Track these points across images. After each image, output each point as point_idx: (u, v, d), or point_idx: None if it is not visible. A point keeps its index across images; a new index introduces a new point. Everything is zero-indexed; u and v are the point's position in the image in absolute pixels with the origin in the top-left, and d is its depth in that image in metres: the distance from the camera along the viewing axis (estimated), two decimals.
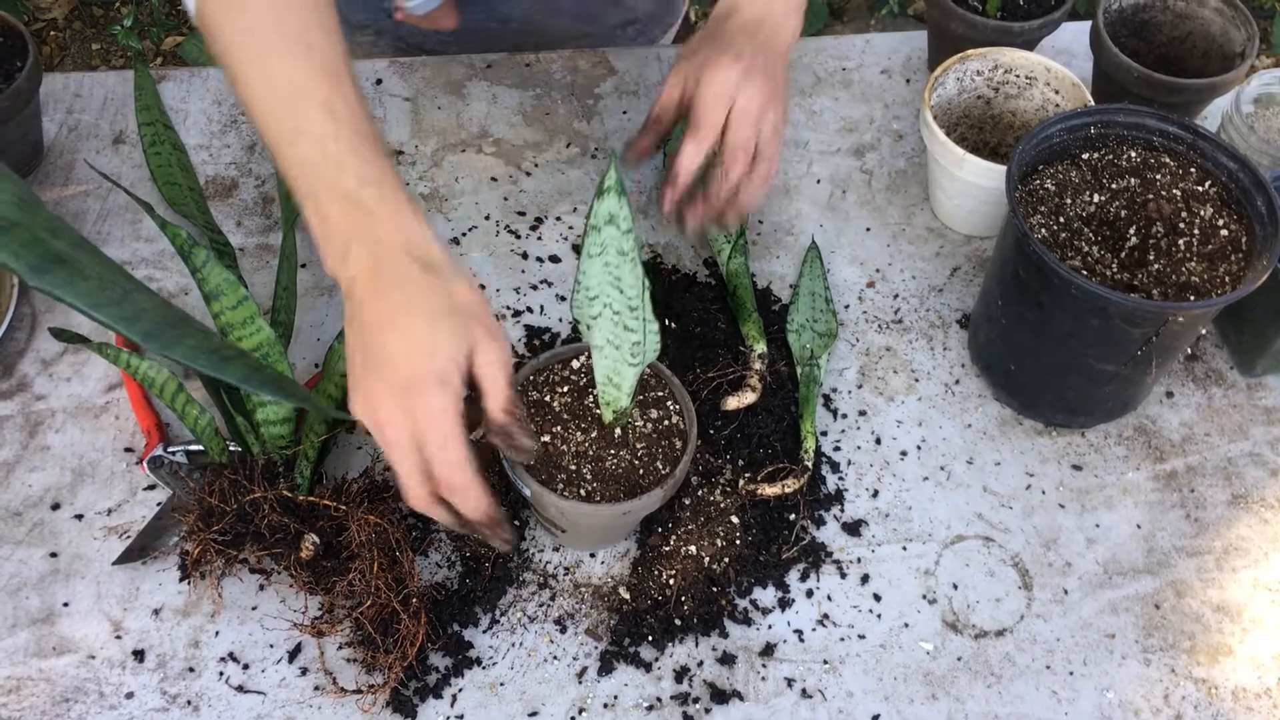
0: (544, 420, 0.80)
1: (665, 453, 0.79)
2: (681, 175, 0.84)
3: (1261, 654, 0.81)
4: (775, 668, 0.79)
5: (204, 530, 0.78)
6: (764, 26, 0.86)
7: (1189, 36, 1.05)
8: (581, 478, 0.77)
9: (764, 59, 0.85)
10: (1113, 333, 0.79)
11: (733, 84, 0.82)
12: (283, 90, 0.71)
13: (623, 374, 0.76)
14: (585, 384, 0.81)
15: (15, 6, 2.16)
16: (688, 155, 0.83)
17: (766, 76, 0.84)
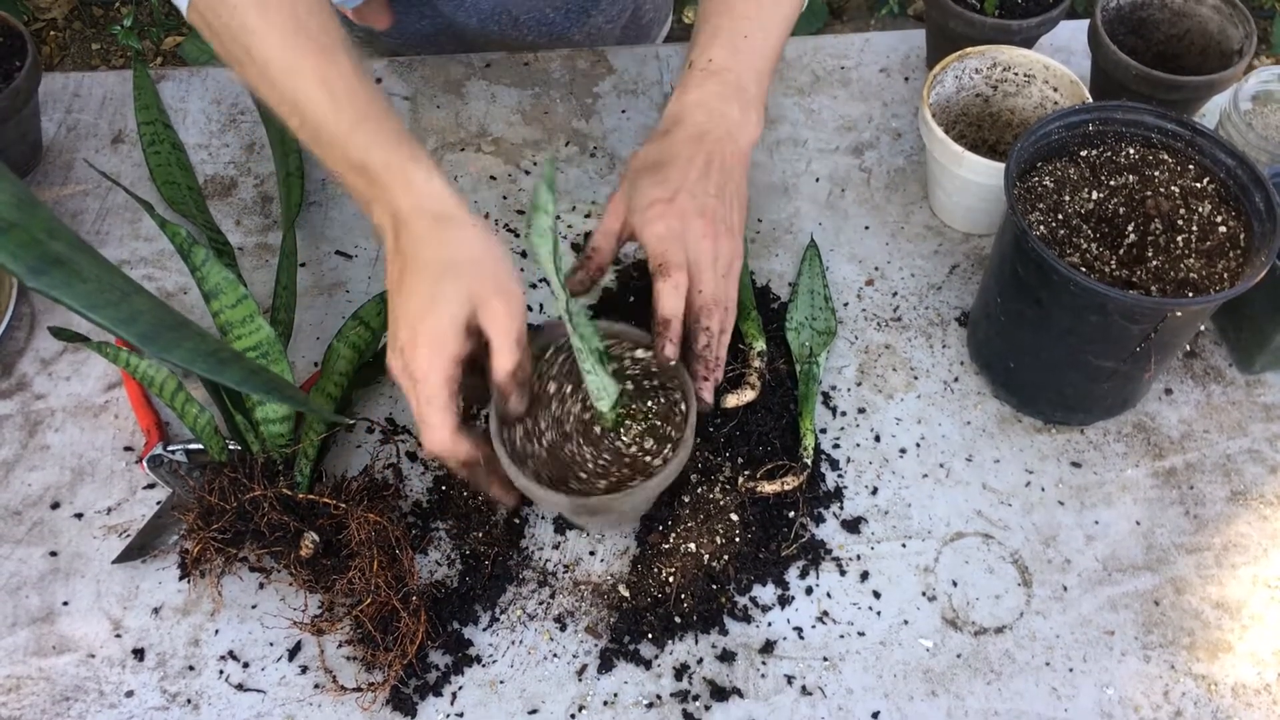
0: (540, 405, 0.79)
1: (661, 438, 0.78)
2: (673, 323, 0.77)
3: (1261, 650, 0.81)
4: (775, 665, 0.79)
5: (204, 529, 0.78)
6: (708, 139, 0.81)
7: (1187, 34, 1.06)
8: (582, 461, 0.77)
9: (712, 180, 0.80)
10: (1111, 329, 0.79)
11: (676, 229, 0.78)
12: (276, 70, 0.73)
13: (601, 400, 0.77)
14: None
15: (15, 6, 2.16)
16: (667, 300, 0.77)
17: (710, 210, 0.79)
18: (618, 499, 0.74)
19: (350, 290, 0.97)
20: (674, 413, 0.79)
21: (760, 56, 0.85)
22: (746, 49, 0.84)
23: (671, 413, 0.79)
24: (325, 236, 1.01)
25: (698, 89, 0.83)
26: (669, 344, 0.76)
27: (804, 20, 2.20)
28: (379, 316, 0.86)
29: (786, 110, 1.12)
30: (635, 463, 0.77)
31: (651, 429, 0.79)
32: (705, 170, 0.80)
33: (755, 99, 0.84)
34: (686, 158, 0.80)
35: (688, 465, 0.87)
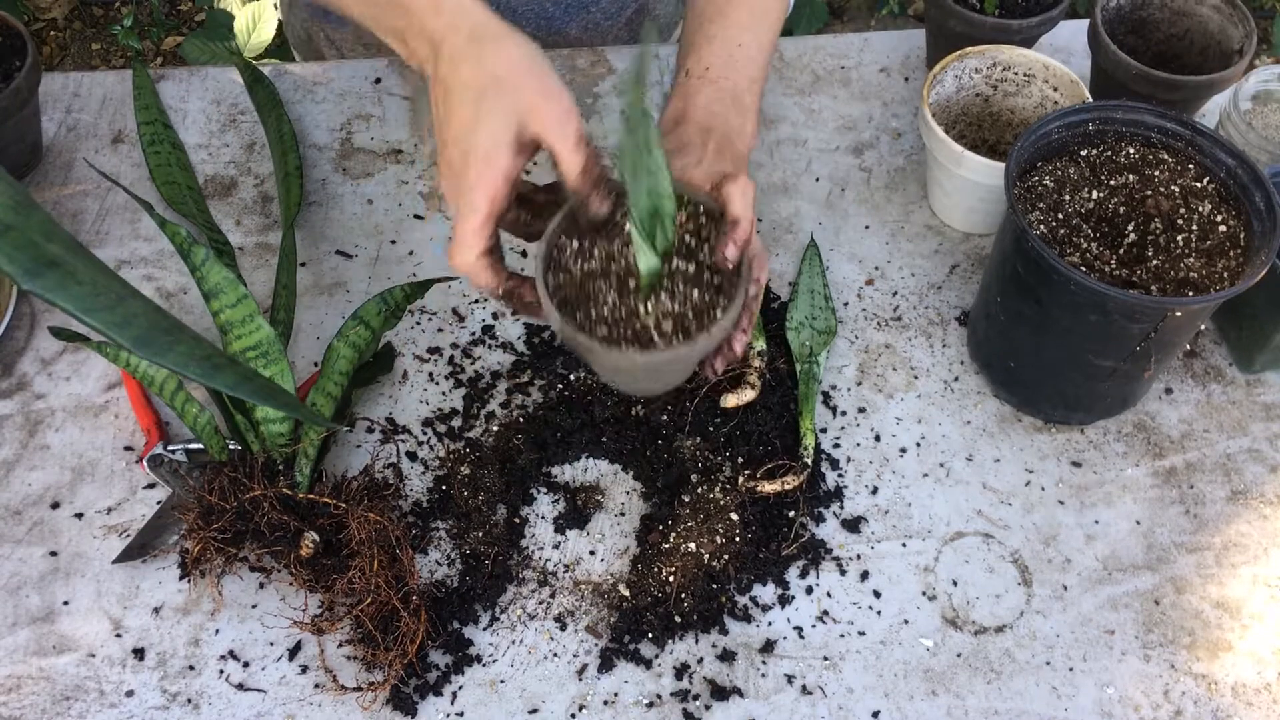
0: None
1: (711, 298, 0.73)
2: (742, 225, 0.73)
3: (1261, 649, 0.81)
4: (775, 664, 0.79)
5: (204, 528, 0.78)
6: (714, 134, 0.81)
7: (1187, 34, 1.06)
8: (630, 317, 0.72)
9: (726, 163, 0.79)
10: (1111, 329, 0.79)
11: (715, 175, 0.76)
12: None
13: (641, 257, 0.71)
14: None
15: (15, 6, 2.16)
16: (738, 200, 0.73)
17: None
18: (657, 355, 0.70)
19: (350, 290, 0.97)
20: (707, 315, 0.73)
21: (754, 65, 0.85)
22: (741, 58, 0.85)
23: (706, 313, 0.73)
24: (325, 236, 1.01)
25: (696, 95, 0.83)
26: (733, 245, 0.71)
27: (804, 20, 2.20)
28: (379, 316, 0.87)
29: (786, 110, 1.12)
30: (642, 334, 0.73)
31: (679, 316, 0.73)
32: (719, 154, 0.80)
33: (751, 107, 0.84)
34: (699, 144, 0.80)
35: (688, 464, 0.87)
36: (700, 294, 0.73)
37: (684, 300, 0.73)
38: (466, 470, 0.86)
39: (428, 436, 0.89)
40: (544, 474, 0.88)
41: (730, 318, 0.71)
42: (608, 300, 0.73)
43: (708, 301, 0.73)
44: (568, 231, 0.75)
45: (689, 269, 0.74)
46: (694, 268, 0.74)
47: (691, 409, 0.89)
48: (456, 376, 0.93)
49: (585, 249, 0.75)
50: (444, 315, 0.96)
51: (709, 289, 0.73)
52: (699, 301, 0.73)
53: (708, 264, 0.74)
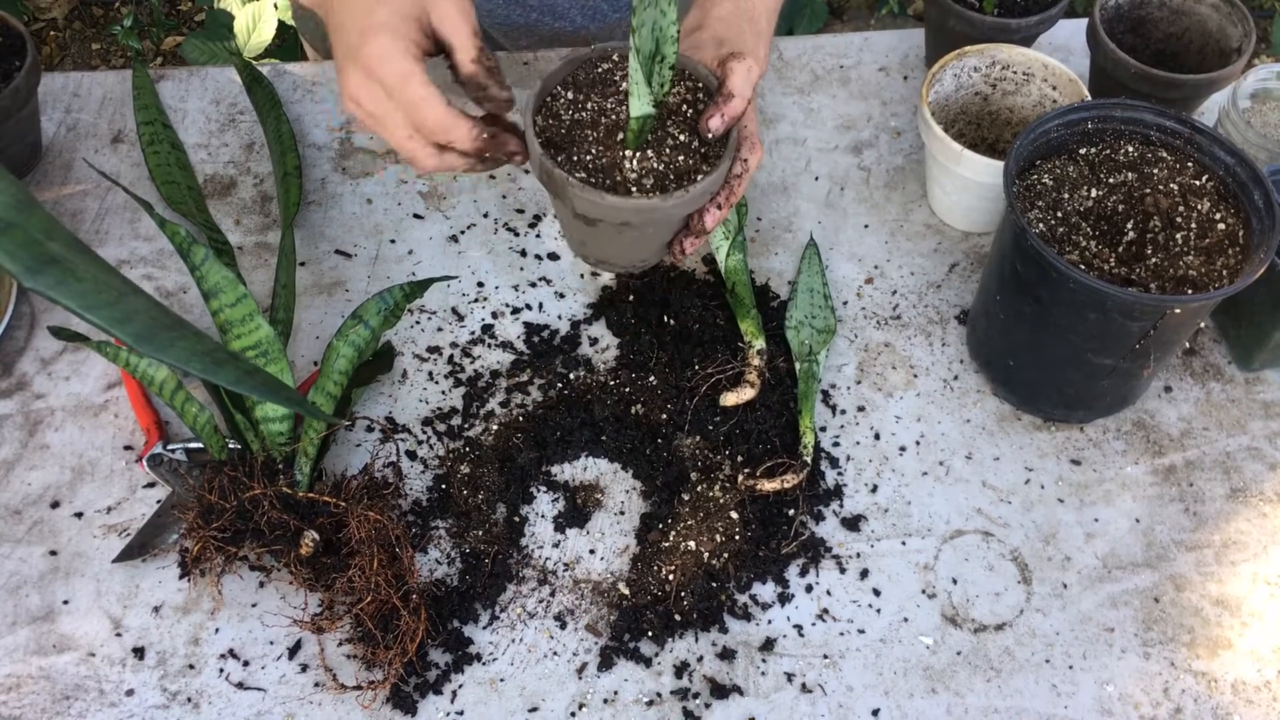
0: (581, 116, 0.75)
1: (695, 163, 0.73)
2: (735, 102, 0.74)
3: (1261, 647, 0.81)
4: (775, 663, 0.79)
5: (204, 527, 0.78)
6: (727, 46, 0.83)
7: (1185, 33, 1.06)
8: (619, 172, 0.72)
9: None
10: (1110, 327, 0.79)
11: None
12: None
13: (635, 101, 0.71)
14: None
15: (15, 6, 2.16)
16: (739, 77, 0.75)
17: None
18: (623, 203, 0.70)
19: (350, 289, 0.97)
20: (688, 179, 0.73)
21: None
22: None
23: (687, 177, 0.73)
24: (324, 236, 1.01)
25: (717, 8, 0.86)
26: (719, 117, 0.72)
27: (804, 20, 2.20)
28: (378, 315, 0.87)
29: (786, 109, 1.12)
30: (620, 186, 0.73)
31: (660, 175, 0.73)
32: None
33: (765, 34, 0.87)
34: (712, 51, 0.82)
35: (687, 462, 0.87)
36: (686, 159, 0.73)
37: (668, 163, 0.73)
38: (466, 469, 0.86)
39: (427, 435, 0.89)
40: (544, 473, 0.88)
41: (709, 181, 0.71)
42: (592, 149, 0.73)
43: (691, 167, 0.73)
44: (564, 82, 0.76)
45: (680, 137, 0.74)
46: (685, 137, 0.74)
47: (691, 408, 0.89)
48: (456, 375, 0.93)
49: (578, 100, 0.75)
50: (444, 314, 0.96)
51: (695, 157, 0.74)
52: (682, 165, 0.73)
53: (699, 138, 0.74)
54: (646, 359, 0.92)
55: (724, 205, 0.76)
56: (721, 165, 0.72)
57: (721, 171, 0.72)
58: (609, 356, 0.94)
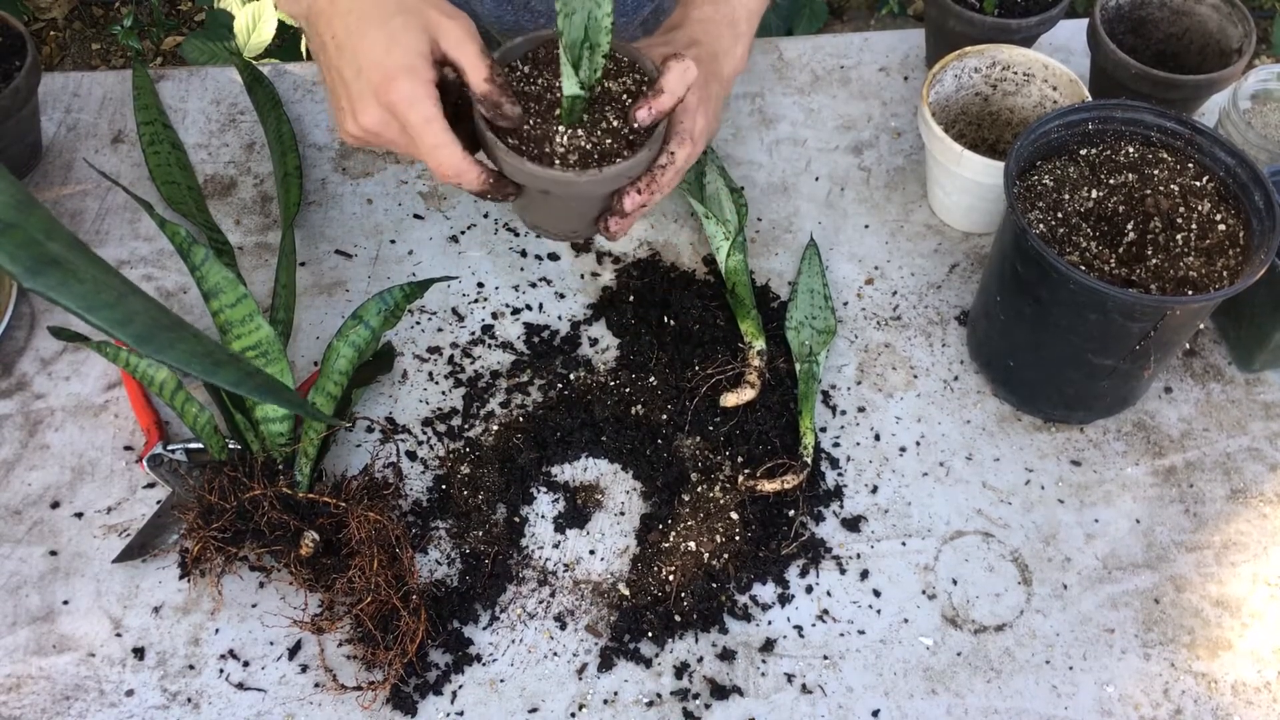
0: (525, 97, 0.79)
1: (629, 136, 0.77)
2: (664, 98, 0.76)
3: (1261, 648, 0.81)
4: (775, 663, 0.79)
5: (204, 528, 0.78)
6: (701, 49, 0.84)
7: (1186, 33, 1.06)
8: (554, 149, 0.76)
9: (702, 74, 0.82)
10: (1111, 328, 0.79)
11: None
12: None
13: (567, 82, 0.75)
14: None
15: (15, 6, 2.16)
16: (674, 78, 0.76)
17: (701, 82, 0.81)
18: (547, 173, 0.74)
19: (350, 289, 0.97)
20: (608, 159, 0.77)
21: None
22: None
23: (608, 156, 0.77)
24: (325, 236, 1.01)
25: (698, 9, 0.88)
26: (647, 109, 0.75)
27: (804, 20, 2.20)
28: (379, 316, 0.87)
29: (786, 109, 1.12)
30: (546, 157, 0.76)
31: (583, 154, 0.77)
32: (697, 63, 0.81)
33: (745, 35, 0.89)
34: (683, 49, 0.83)
35: (687, 463, 0.87)
36: (613, 143, 0.77)
37: (596, 144, 0.77)
38: (466, 470, 0.86)
39: (427, 436, 0.89)
40: (544, 473, 0.88)
41: (625, 166, 0.75)
42: (530, 120, 0.77)
43: (614, 150, 0.77)
44: (523, 57, 0.79)
45: (614, 122, 0.78)
46: (619, 123, 0.78)
47: (691, 408, 0.89)
48: (456, 376, 0.93)
49: (531, 74, 0.79)
50: (444, 315, 0.96)
51: (622, 142, 0.77)
52: (608, 148, 0.77)
53: (634, 127, 0.77)
54: (646, 359, 0.92)
55: (644, 191, 0.79)
56: (640, 153, 0.76)
57: (640, 159, 0.76)
58: (609, 357, 0.94)
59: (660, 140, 0.78)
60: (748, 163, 1.08)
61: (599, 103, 0.79)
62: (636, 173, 0.77)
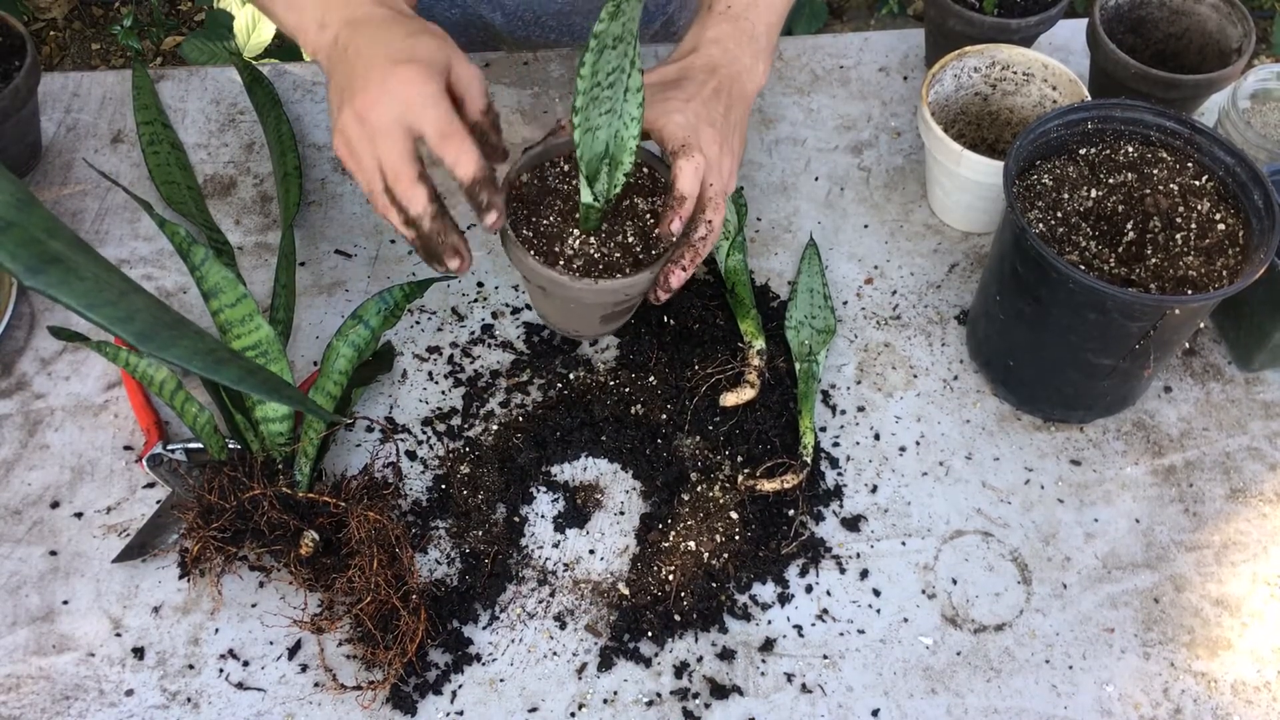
0: (545, 203, 0.82)
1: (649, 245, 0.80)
2: (688, 202, 0.79)
3: (1261, 648, 0.81)
4: (775, 663, 0.79)
5: (203, 528, 0.78)
6: (720, 72, 0.85)
7: (1185, 33, 1.06)
8: (574, 255, 0.80)
9: (720, 104, 0.83)
10: (1110, 327, 0.79)
11: (693, 122, 0.81)
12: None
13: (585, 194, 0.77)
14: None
15: (15, 6, 2.16)
16: (687, 178, 0.78)
17: (718, 123, 0.82)
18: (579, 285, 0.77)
19: (350, 289, 0.97)
20: (630, 264, 0.80)
21: (772, 10, 0.90)
22: (763, 0, 0.89)
23: (612, 269, 0.80)
24: (324, 236, 1.01)
25: (714, 28, 0.87)
26: (678, 220, 0.78)
27: (804, 20, 2.20)
28: (378, 315, 0.87)
29: (786, 109, 1.12)
30: (555, 256, 0.79)
31: (589, 261, 0.79)
32: (716, 94, 0.84)
33: (765, 50, 0.89)
34: (700, 81, 0.84)
35: (687, 463, 0.87)
36: (622, 259, 0.80)
37: (604, 254, 0.80)
38: (466, 469, 0.86)
39: (427, 435, 0.89)
40: (543, 473, 0.88)
41: (624, 283, 0.78)
42: (550, 216, 0.81)
43: (620, 264, 0.80)
44: (566, 155, 0.83)
45: (630, 240, 0.81)
46: (634, 238, 0.81)
47: (691, 408, 0.89)
48: (456, 375, 0.93)
49: (568, 172, 0.82)
50: (444, 314, 0.96)
51: (630, 257, 0.80)
52: (616, 262, 0.80)
53: (647, 239, 0.80)
54: (646, 359, 0.92)
55: (688, 267, 0.81)
56: (641, 274, 0.79)
57: (639, 279, 0.79)
58: (609, 356, 0.94)
59: (665, 260, 0.80)
60: (748, 163, 1.08)
61: (622, 216, 0.81)
62: (634, 291, 0.79)
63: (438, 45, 0.75)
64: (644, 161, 0.85)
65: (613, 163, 0.76)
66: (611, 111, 0.74)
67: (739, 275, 0.95)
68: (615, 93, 0.72)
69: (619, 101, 0.73)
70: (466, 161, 0.74)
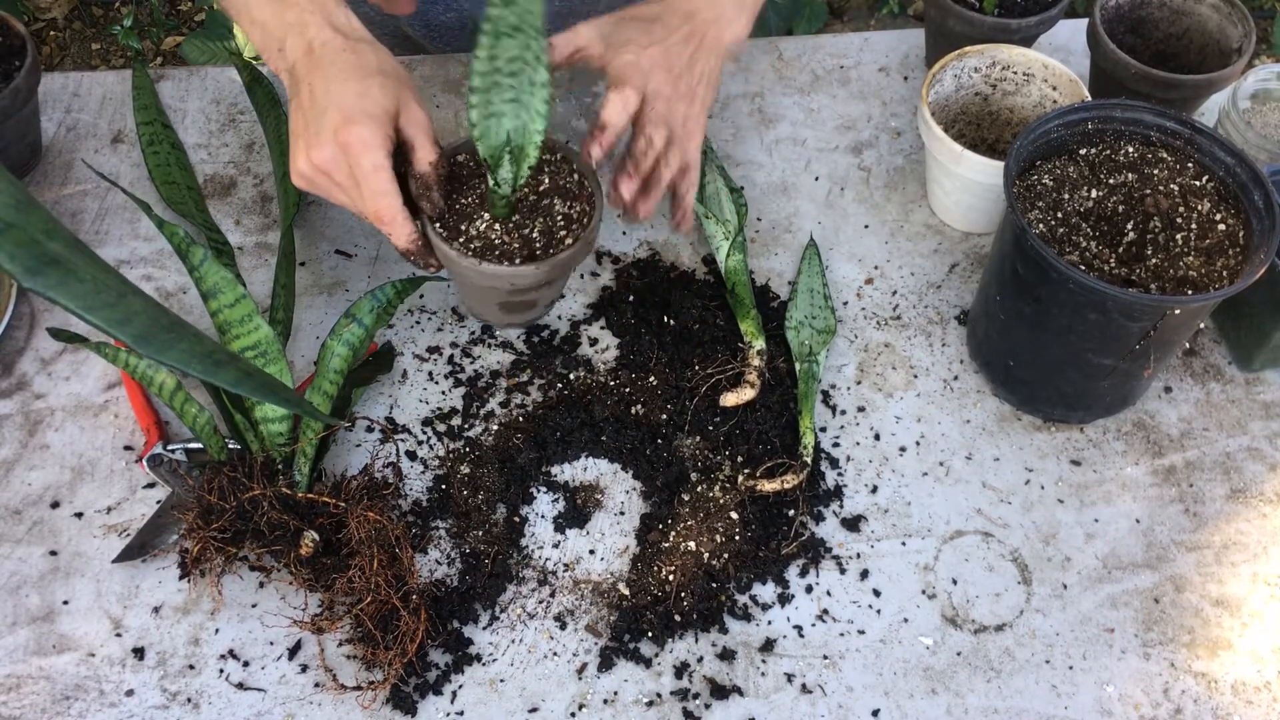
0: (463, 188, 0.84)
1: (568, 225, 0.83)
2: (608, 131, 0.81)
3: (1261, 648, 0.81)
4: (775, 663, 0.79)
5: (203, 528, 0.78)
6: (697, 19, 0.86)
7: (1186, 33, 1.06)
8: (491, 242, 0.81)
9: (688, 50, 0.85)
10: (1110, 327, 0.79)
11: (644, 66, 0.82)
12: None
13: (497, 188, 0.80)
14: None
15: (15, 6, 2.16)
16: (612, 108, 0.81)
17: (678, 68, 0.84)
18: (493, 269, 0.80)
19: (349, 290, 0.97)
20: (525, 257, 0.81)
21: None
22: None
23: (504, 256, 0.81)
24: (324, 236, 1.01)
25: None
26: (596, 147, 0.81)
27: (804, 20, 2.20)
28: (372, 313, 0.87)
29: (786, 109, 1.12)
30: (456, 234, 0.81)
31: (488, 245, 0.81)
32: (685, 41, 0.85)
33: (750, 6, 0.90)
34: (673, 26, 0.85)
35: (687, 463, 0.87)
36: (520, 248, 0.81)
37: (505, 243, 0.81)
38: (466, 469, 0.86)
39: (427, 436, 0.89)
40: (543, 473, 0.88)
41: (507, 270, 0.80)
42: (466, 198, 0.83)
43: (512, 252, 0.81)
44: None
45: (534, 235, 0.82)
46: (537, 233, 0.82)
47: (691, 408, 0.89)
48: (456, 376, 0.93)
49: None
50: (443, 314, 0.96)
51: (528, 248, 0.81)
52: (512, 250, 0.81)
53: (546, 237, 0.82)
54: (646, 359, 0.92)
55: (633, 175, 0.84)
56: (527, 266, 0.80)
57: (523, 270, 0.80)
58: (609, 357, 0.94)
59: (569, 269, 0.83)
60: (748, 162, 1.08)
61: (537, 212, 0.83)
62: (522, 283, 0.81)
63: (388, 91, 0.76)
64: (580, 170, 0.86)
65: (516, 153, 0.78)
66: (517, 101, 0.75)
67: (739, 275, 0.95)
68: (519, 82, 0.74)
69: (524, 93, 0.74)
70: (398, 236, 0.78)
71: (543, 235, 0.82)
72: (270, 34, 0.79)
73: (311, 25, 0.78)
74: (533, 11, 0.71)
